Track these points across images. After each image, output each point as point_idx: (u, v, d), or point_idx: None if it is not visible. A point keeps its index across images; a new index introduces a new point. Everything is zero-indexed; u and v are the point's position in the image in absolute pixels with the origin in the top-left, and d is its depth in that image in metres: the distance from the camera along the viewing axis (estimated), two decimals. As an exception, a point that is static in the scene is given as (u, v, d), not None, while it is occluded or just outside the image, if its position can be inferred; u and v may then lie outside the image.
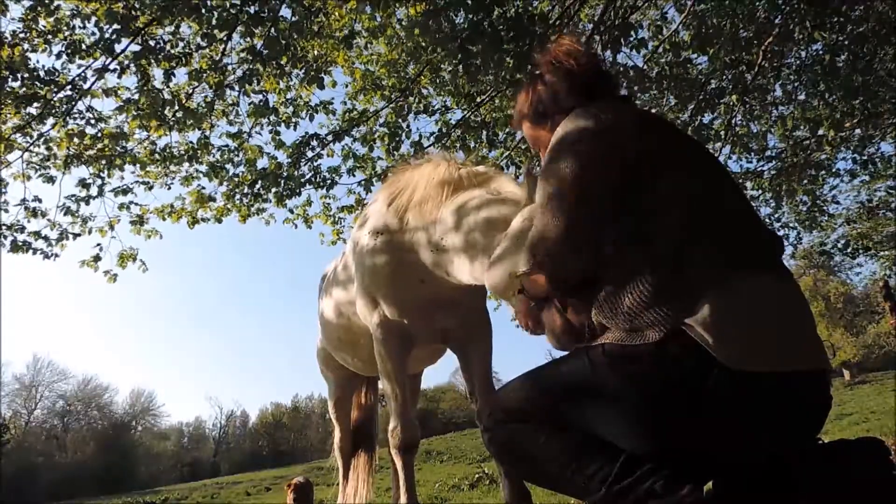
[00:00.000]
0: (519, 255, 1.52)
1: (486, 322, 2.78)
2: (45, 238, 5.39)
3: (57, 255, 5.45)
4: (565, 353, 1.35)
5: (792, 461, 1.14)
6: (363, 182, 5.78)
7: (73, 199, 5.25)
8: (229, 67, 4.61)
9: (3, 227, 5.22)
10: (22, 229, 5.30)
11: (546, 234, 1.26)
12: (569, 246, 1.24)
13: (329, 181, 5.62)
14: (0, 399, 35.78)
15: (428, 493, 7.75)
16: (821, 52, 5.66)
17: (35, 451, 35.64)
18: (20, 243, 5.29)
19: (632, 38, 4.19)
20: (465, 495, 7.34)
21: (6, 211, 5.25)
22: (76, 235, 5.44)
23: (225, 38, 4.31)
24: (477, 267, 2.04)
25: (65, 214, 5.29)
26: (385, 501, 6.32)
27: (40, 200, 5.35)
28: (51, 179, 5.09)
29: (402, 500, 2.61)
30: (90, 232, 5.47)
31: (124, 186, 5.42)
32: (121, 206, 5.46)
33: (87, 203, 5.28)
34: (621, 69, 4.63)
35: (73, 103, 4.57)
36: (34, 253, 5.36)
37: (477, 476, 8.71)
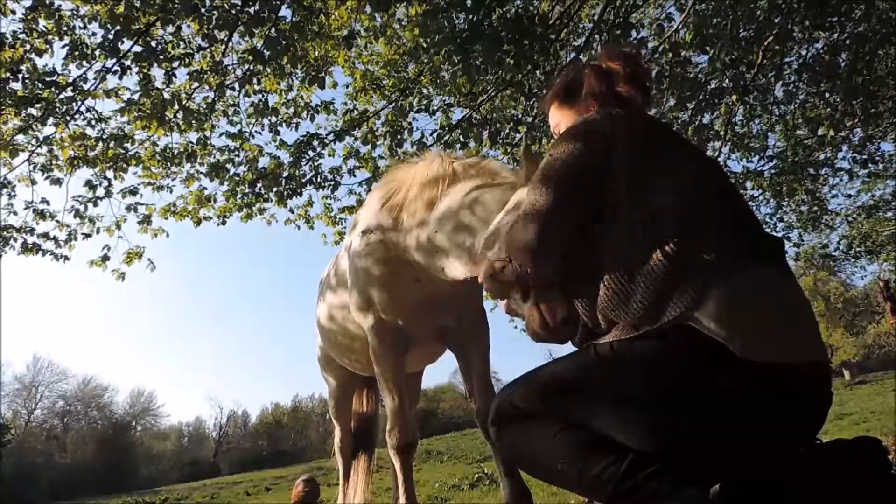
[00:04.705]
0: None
1: (483, 321, 2.78)
2: (54, 239, 5.41)
3: (67, 258, 5.48)
4: (565, 351, 1.35)
5: (790, 460, 1.15)
6: (364, 182, 5.79)
7: (80, 199, 5.28)
8: (230, 68, 4.62)
9: (13, 230, 5.23)
10: (31, 231, 5.32)
11: (521, 240, 1.32)
12: (542, 251, 1.29)
13: (332, 182, 5.63)
14: (0, 399, 35.82)
15: (428, 493, 7.74)
16: (821, 52, 5.66)
17: (35, 452, 35.66)
18: (30, 245, 5.31)
19: (632, 38, 4.19)
20: (465, 495, 7.32)
21: (14, 213, 5.28)
22: (87, 236, 5.46)
23: (225, 39, 4.31)
24: (473, 261, 1.98)
25: (74, 216, 5.32)
26: (385, 501, 6.32)
27: (48, 202, 5.37)
28: (57, 181, 5.08)
29: (402, 500, 2.61)
30: (98, 232, 5.50)
31: (131, 188, 5.44)
32: (128, 208, 5.48)
33: (96, 205, 5.30)
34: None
35: (77, 105, 4.57)
36: (44, 255, 5.38)
37: (477, 476, 8.71)
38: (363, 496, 3.64)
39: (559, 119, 1.62)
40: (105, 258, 5.52)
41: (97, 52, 4.20)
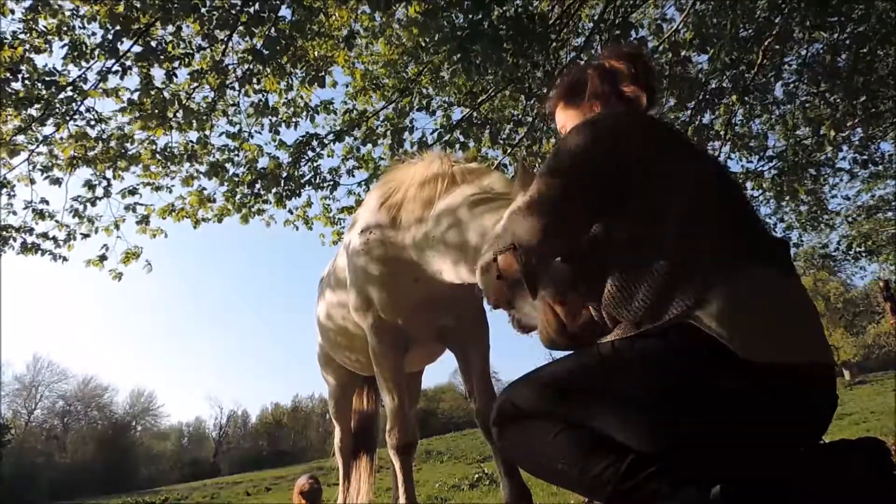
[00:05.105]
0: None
1: (483, 321, 2.76)
2: (54, 239, 5.41)
3: (65, 259, 5.49)
4: (566, 352, 1.35)
5: (790, 460, 1.14)
6: (363, 182, 5.79)
7: (79, 199, 5.28)
8: (230, 68, 4.62)
9: (13, 230, 5.24)
10: (31, 231, 5.32)
11: (523, 231, 1.30)
12: (544, 245, 1.28)
13: (331, 182, 5.62)
14: (0, 399, 35.81)
15: (428, 493, 7.74)
16: (821, 52, 5.66)
17: (35, 452, 35.65)
18: (30, 245, 5.32)
19: (632, 38, 4.18)
20: (465, 495, 7.33)
21: (14, 213, 5.28)
22: (85, 236, 5.47)
23: (225, 39, 4.31)
24: (466, 266, 1.99)
25: (73, 216, 5.32)
26: (385, 501, 6.32)
27: (47, 202, 5.38)
28: (57, 181, 5.08)
29: (402, 500, 2.60)
30: (96, 232, 5.50)
31: (130, 188, 5.44)
32: (127, 208, 5.48)
33: (94, 204, 5.30)
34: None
35: (77, 105, 4.57)
36: (43, 254, 5.38)
37: (477, 476, 8.71)
38: (367, 496, 3.64)
39: (565, 120, 1.62)
40: (102, 258, 5.52)
41: (97, 52, 4.20)
